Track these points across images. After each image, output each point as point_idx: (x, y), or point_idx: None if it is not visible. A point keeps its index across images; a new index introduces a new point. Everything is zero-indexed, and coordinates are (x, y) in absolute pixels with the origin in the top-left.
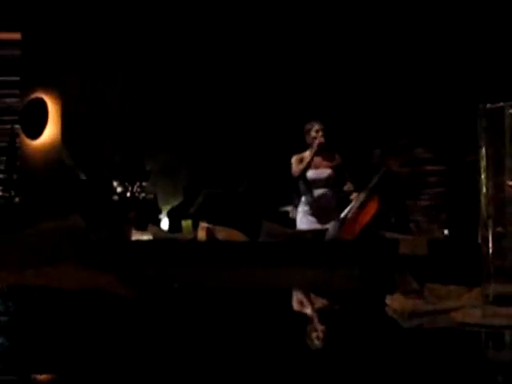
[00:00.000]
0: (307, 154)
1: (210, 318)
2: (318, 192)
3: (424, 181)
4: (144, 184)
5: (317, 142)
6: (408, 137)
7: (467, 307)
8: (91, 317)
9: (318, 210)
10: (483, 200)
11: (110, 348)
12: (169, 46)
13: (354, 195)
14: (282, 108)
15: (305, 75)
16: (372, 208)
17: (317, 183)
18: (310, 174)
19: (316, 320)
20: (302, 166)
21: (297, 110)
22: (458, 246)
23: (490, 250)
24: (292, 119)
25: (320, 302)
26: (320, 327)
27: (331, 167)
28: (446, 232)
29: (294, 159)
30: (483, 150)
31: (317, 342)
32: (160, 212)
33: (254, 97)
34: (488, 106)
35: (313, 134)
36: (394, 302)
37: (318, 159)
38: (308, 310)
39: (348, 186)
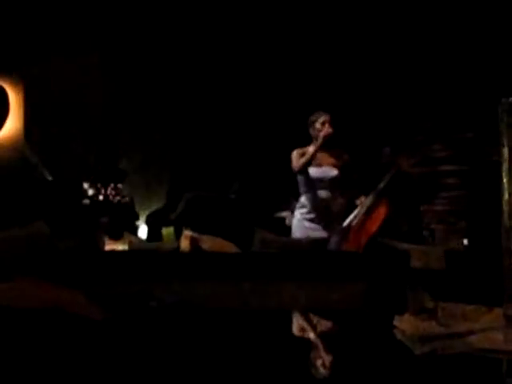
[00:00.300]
0: (311, 149)
1: (191, 345)
2: (319, 194)
3: (441, 182)
4: (119, 186)
5: (323, 132)
6: (423, 133)
7: (487, 330)
8: (50, 343)
9: (317, 215)
10: (505, 207)
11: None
12: (146, 34)
13: (360, 199)
14: (279, 100)
15: (308, 64)
16: (380, 214)
17: (319, 183)
18: (313, 172)
19: (314, 345)
20: (303, 160)
21: (297, 102)
22: (480, 258)
23: None
24: (292, 112)
25: (319, 324)
26: (319, 354)
27: (337, 167)
28: (465, 242)
29: (294, 153)
30: (506, 150)
31: (315, 372)
32: (137, 218)
33: (245, 87)
34: (511, 99)
35: (318, 126)
36: (404, 324)
37: (322, 156)
38: (305, 334)
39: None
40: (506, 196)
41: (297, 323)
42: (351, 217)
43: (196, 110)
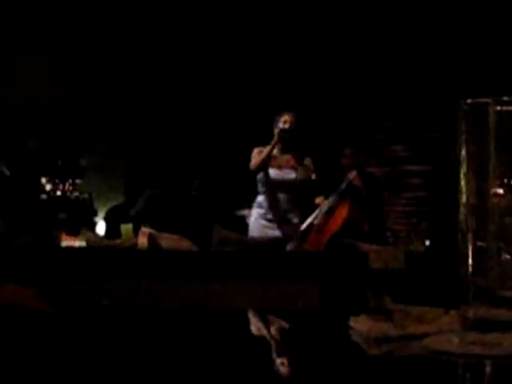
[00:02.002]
0: (267, 148)
1: (142, 348)
2: (278, 195)
3: (403, 183)
4: (77, 181)
5: (276, 129)
6: (385, 132)
7: (443, 333)
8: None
9: (274, 215)
10: (463, 211)
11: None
12: (107, 27)
13: (319, 199)
14: (241, 98)
15: (271, 63)
16: (342, 214)
17: (278, 185)
18: (273, 173)
19: (271, 345)
20: (259, 158)
21: (259, 100)
22: (440, 259)
23: (470, 268)
24: (254, 109)
25: (273, 324)
26: (277, 353)
27: (297, 169)
28: (427, 243)
29: (255, 152)
30: (463, 153)
31: (277, 371)
32: (95, 214)
33: (206, 84)
34: (469, 101)
35: (280, 125)
36: (359, 325)
37: (284, 158)
38: (262, 333)
39: (320, 199)
40: (464, 198)
41: (253, 323)
42: (312, 216)
43: (157, 106)
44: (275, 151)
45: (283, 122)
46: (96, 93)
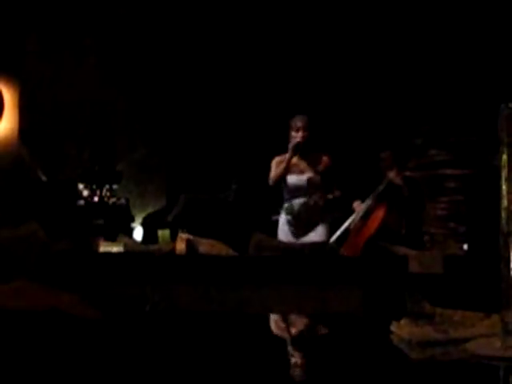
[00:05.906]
0: (283, 164)
1: (184, 351)
2: (300, 200)
3: (440, 187)
4: (114, 187)
5: (292, 143)
6: (423, 136)
7: (484, 337)
8: (43, 343)
9: (298, 221)
10: (503, 215)
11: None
12: (144, 35)
13: (356, 203)
14: (278, 100)
15: (308, 67)
16: (378, 217)
17: (299, 190)
18: (292, 179)
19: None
20: (276, 173)
21: (296, 103)
22: (479, 263)
23: (511, 272)
24: (290, 113)
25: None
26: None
27: (318, 172)
28: (465, 247)
29: (273, 162)
30: (505, 157)
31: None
32: (133, 220)
33: (243, 87)
34: (511, 105)
35: (293, 133)
36: (401, 330)
37: (302, 163)
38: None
39: (335, 194)
40: (505, 203)
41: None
42: (348, 221)
43: (193, 111)
44: (294, 158)
45: (296, 129)
46: (132, 100)
